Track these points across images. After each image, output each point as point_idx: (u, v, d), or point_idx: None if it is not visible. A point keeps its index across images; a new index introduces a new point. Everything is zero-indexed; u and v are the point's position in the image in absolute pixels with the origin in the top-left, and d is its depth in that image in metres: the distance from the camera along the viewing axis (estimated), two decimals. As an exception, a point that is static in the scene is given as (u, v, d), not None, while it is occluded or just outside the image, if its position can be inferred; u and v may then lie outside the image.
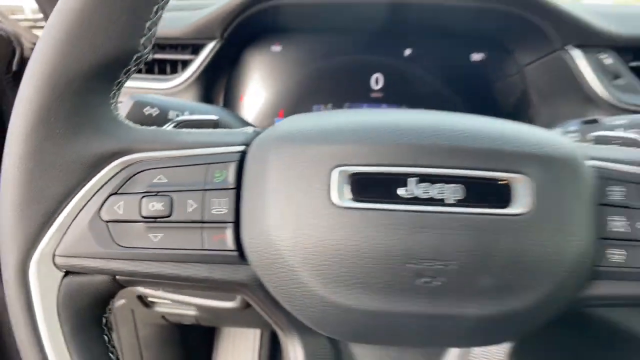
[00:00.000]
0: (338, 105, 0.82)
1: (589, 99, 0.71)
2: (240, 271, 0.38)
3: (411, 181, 0.35)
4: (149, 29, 0.37)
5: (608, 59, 0.71)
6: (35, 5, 0.99)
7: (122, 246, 0.37)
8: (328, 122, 0.39)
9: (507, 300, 0.36)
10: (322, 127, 0.38)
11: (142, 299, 0.98)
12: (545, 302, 0.36)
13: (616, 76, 0.71)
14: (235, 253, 0.38)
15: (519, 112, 0.81)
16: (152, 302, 1.00)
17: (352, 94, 0.82)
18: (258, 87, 0.83)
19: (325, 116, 0.41)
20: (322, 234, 0.35)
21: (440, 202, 0.35)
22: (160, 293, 0.88)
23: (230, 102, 0.83)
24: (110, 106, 0.39)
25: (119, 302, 1.16)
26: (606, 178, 0.39)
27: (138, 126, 0.40)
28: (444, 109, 0.79)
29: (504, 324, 0.37)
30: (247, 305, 0.86)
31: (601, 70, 0.72)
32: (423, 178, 0.35)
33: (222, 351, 1.48)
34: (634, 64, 0.72)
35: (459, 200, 0.35)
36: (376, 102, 0.82)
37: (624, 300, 0.39)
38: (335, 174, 0.36)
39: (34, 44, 1.03)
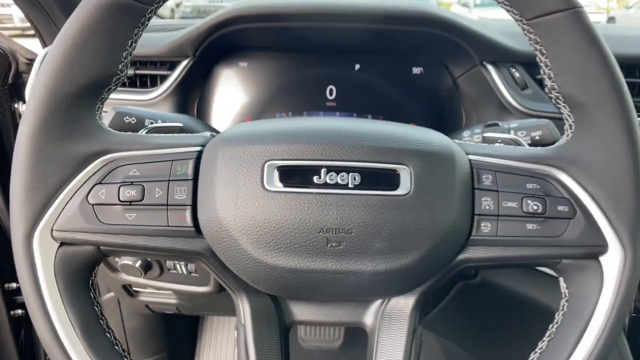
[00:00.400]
0: (297, 113, 0.93)
1: (503, 106, 0.84)
2: (196, 242, 0.50)
3: (322, 171, 0.47)
4: (125, 58, 0.49)
5: (517, 73, 0.84)
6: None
7: (104, 223, 0.48)
8: (262, 128, 0.51)
9: (395, 259, 0.47)
10: (258, 132, 0.50)
11: (126, 288, 1.08)
12: (425, 260, 0.48)
13: (525, 87, 0.84)
14: (192, 229, 0.49)
15: (455, 117, 0.94)
16: (136, 292, 1.10)
17: (310, 103, 0.93)
18: (227, 98, 0.94)
19: (261, 124, 0.53)
20: (256, 212, 0.47)
21: (344, 186, 0.47)
22: (142, 281, 0.98)
23: (202, 111, 0.94)
24: (96, 116, 0.50)
25: (106, 295, 1.26)
26: (479, 168, 0.51)
27: (117, 132, 0.52)
28: (390, 115, 0.92)
29: (395, 277, 0.49)
30: (220, 290, 0.97)
31: (512, 82, 0.84)
32: (330, 169, 0.47)
33: (204, 341, 1.58)
34: (539, 76, 0.85)
35: (357, 185, 0.47)
36: (331, 110, 0.93)
37: (493, 261, 0.51)
38: (266, 167, 0.47)
39: (29, 59, 1.15)
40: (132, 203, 0.48)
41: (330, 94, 0.93)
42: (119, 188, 0.48)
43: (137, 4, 0.47)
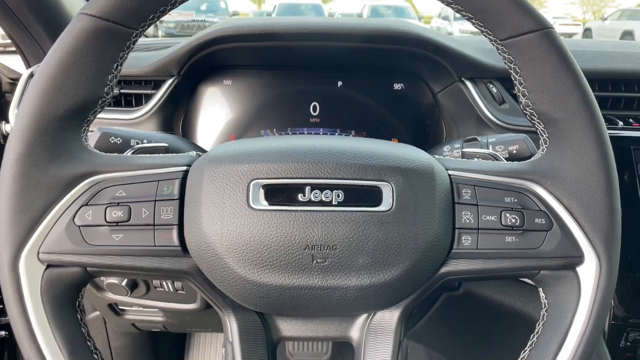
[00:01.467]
0: (282, 129, 0.95)
1: (482, 121, 0.86)
2: (183, 262, 0.51)
3: (307, 189, 0.48)
4: (111, 80, 0.50)
5: (494, 88, 0.87)
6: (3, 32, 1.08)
7: (91, 245, 0.49)
8: (247, 148, 0.52)
9: (379, 274, 0.49)
10: (243, 152, 0.51)
11: (112, 307, 1.07)
12: (407, 275, 0.49)
13: (502, 102, 0.86)
14: (179, 248, 0.50)
15: (436, 131, 0.96)
16: (123, 310, 1.10)
17: (294, 120, 0.95)
18: (212, 115, 0.95)
19: (246, 143, 0.54)
20: (243, 230, 0.48)
21: (329, 203, 0.48)
22: (129, 299, 0.98)
23: (187, 129, 0.95)
24: (82, 138, 0.51)
25: (92, 314, 1.25)
26: (459, 183, 0.52)
27: (103, 153, 0.52)
28: (373, 130, 0.94)
29: (379, 292, 0.50)
30: (207, 306, 0.97)
31: (489, 97, 0.87)
32: (314, 187, 0.48)
33: (192, 358, 1.57)
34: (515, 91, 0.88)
35: (340, 202, 0.48)
36: (314, 127, 0.95)
37: (474, 274, 0.52)
38: (251, 186, 0.48)
39: (12, 79, 1.14)
40: (118, 224, 0.49)
41: (314, 110, 0.95)
42: (106, 209, 0.49)
43: (122, 28, 0.48)
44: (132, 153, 0.61)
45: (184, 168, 0.52)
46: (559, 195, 0.51)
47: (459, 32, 12.24)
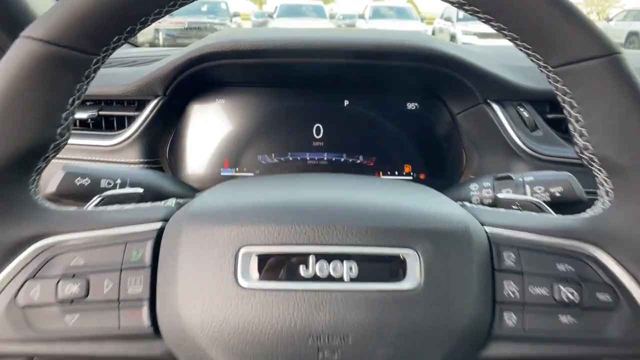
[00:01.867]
0: (281, 154, 0.84)
1: (510, 149, 0.76)
2: (155, 346, 0.40)
3: (311, 260, 0.38)
4: (66, 119, 0.40)
5: (525, 112, 0.76)
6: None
7: (38, 330, 0.38)
8: (236, 202, 0.42)
9: None
10: (230, 208, 0.41)
11: None
12: None
13: (534, 128, 0.75)
14: (150, 330, 0.39)
15: (455, 157, 0.85)
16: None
17: (295, 143, 0.84)
18: (203, 139, 0.85)
19: (236, 193, 0.44)
20: (229, 314, 0.37)
21: (338, 279, 0.38)
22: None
23: (175, 155, 0.85)
24: (29, 192, 0.41)
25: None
26: (499, 244, 0.42)
27: (58, 208, 0.42)
28: (383, 155, 0.83)
29: None
30: None
31: (520, 122, 0.76)
32: (320, 256, 0.38)
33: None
34: (550, 116, 0.77)
35: (353, 278, 0.38)
36: (318, 151, 0.84)
37: None
38: (241, 255, 0.38)
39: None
40: (73, 301, 0.39)
41: (317, 133, 0.85)
42: (58, 283, 0.39)
43: (78, 54, 0.38)
44: (97, 203, 0.51)
45: (159, 225, 0.42)
46: (627, 263, 0.41)
47: (462, 34, 12.09)
